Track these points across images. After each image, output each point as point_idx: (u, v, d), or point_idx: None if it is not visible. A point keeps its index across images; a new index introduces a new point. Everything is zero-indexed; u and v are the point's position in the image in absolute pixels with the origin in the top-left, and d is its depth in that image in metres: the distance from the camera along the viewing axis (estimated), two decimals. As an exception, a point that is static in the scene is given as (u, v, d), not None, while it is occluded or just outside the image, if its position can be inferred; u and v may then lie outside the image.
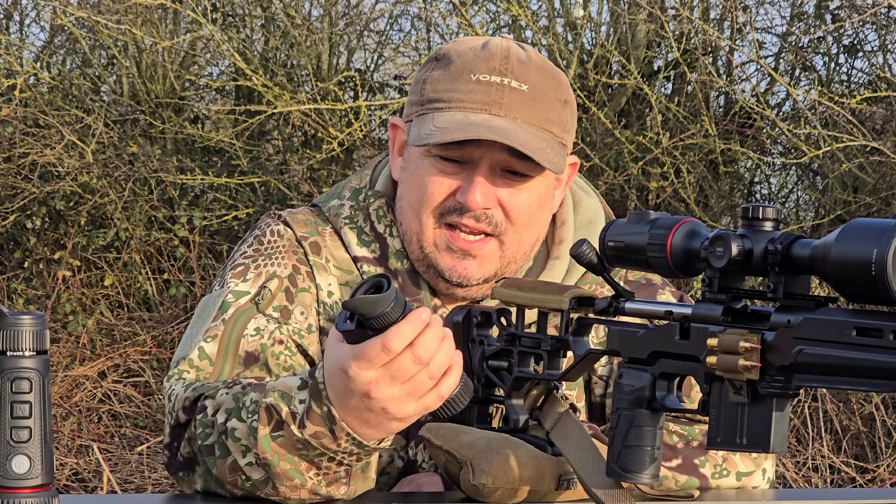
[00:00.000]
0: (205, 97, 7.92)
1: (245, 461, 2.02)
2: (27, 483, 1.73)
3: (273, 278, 2.30)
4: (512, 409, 2.11)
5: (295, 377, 2.00)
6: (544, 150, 2.25)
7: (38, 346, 1.74)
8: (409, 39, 7.67)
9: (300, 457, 1.99)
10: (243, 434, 2.02)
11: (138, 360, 6.87)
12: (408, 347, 1.87)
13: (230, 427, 2.03)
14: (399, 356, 1.87)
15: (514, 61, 2.28)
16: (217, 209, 7.16)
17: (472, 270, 2.30)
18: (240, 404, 2.04)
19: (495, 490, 2.05)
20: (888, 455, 5.88)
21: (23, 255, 7.32)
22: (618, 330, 1.95)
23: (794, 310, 1.76)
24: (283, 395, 1.98)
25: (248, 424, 2.01)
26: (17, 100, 7.11)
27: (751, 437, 1.80)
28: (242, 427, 2.02)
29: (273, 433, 1.99)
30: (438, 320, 1.90)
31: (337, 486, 2.02)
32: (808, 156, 6.30)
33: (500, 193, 2.28)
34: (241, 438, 2.02)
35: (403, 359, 1.88)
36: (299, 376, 1.99)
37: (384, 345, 1.86)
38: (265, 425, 1.99)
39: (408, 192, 2.32)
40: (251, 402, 2.03)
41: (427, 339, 1.88)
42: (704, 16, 6.88)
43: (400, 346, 1.87)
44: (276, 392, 1.99)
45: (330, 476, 2.01)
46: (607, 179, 6.54)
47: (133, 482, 6.11)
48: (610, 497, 1.99)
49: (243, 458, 2.02)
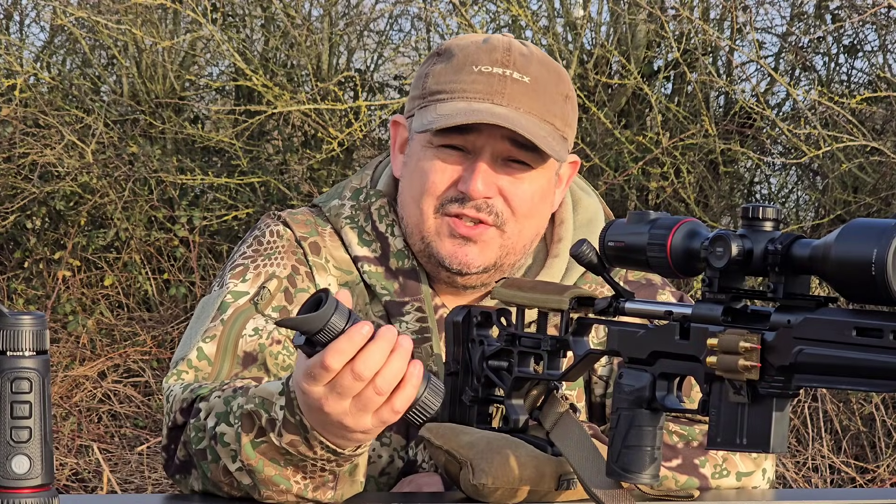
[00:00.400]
0: (205, 97, 7.92)
1: (235, 466, 2.02)
2: (27, 483, 1.73)
3: (272, 279, 2.30)
4: (512, 409, 2.11)
5: (277, 382, 1.99)
6: (546, 138, 2.25)
7: (38, 346, 1.74)
8: (409, 39, 7.67)
9: (284, 462, 1.98)
10: (231, 439, 2.02)
11: (138, 360, 6.87)
12: (347, 364, 1.85)
13: (219, 432, 2.03)
14: (340, 373, 1.85)
15: (516, 54, 2.29)
16: (217, 209, 7.16)
17: (472, 257, 2.29)
18: (228, 409, 2.04)
19: (495, 490, 2.05)
20: (888, 455, 5.88)
21: (23, 255, 7.32)
22: (618, 330, 1.95)
23: (794, 310, 1.76)
24: (264, 402, 1.98)
25: (235, 430, 2.01)
26: (17, 100, 7.11)
27: (751, 437, 1.80)
28: (231, 432, 2.02)
29: (256, 439, 1.98)
30: (388, 333, 1.86)
31: (324, 490, 2.01)
32: (808, 156, 6.30)
33: (502, 182, 2.28)
34: (229, 443, 2.02)
35: (344, 376, 1.85)
36: (281, 381, 1.99)
37: (322, 362, 1.84)
38: (248, 432, 1.99)
39: (409, 184, 2.32)
40: (237, 406, 2.02)
41: (368, 355, 1.84)
42: (704, 16, 6.88)
43: (338, 364, 1.84)
44: (257, 398, 1.98)
45: (316, 480, 2.00)
46: (607, 179, 6.54)
47: (133, 482, 6.11)
48: (610, 497, 1.99)
49: (232, 464, 2.02)
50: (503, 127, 2.24)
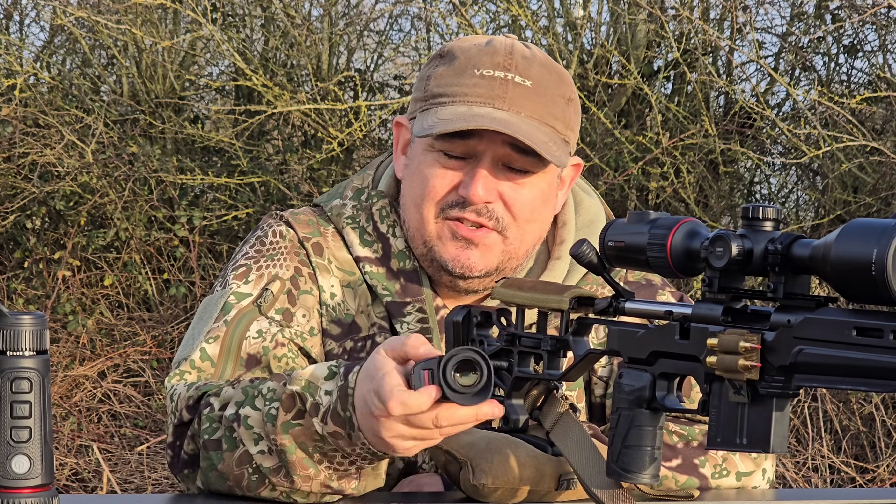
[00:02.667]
0: (205, 97, 7.92)
1: (257, 449, 2.03)
2: (27, 483, 1.73)
3: (275, 280, 2.30)
4: (512, 409, 2.11)
5: (322, 366, 2.00)
6: (546, 143, 2.25)
7: (38, 346, 1.74)
8: (409, 39, 7.67)
9: (315, 448, 2.00)
10: (257, 422, 2.02)
11: (138, 360, 6.87)
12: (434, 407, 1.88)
13: (243, 415, 2.04)
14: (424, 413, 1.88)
15: (518, 57, 2.28)
16: (217, 209, 7.16)
17: (474, 260, 2.29)
18: (255, 392, 2.05)
19: (495, 490, 2.05)
20: (888, 455, 5.88)
21: (23, 255, 7.32)
22: (618, 330, 1.95)
23: (794, 310, 1.76)
24: (310, 385, 1.99)
25: (265, 412, 2.02)
26: (17, 100, 7.11)
27: (751, 437, 1.80)
28: (257, 415, 2.03)
29: (293, 420, 1.99)
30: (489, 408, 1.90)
31: (348, 480, 2.03)
32: (808, 156, 6.30)
33: (502, 188, 2.28)
34: (254, 426, 2.03)
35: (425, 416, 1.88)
36: (328, 365, 2.00)
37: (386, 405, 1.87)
38: (287, 412, 1.99)
39: (410, 187, 2.32)
40: (268, 389, 2.03)
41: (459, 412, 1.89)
42: (704, 16, 6.88)
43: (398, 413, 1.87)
44: (303, 381, 2.00)
45: (340, 472, 2.01)
46: (607, 179, 6.54)
47: (133, 482, 6.11)
48: (610, 497, 1.99)
49: (255, 447, 2.03)
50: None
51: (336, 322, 2.32)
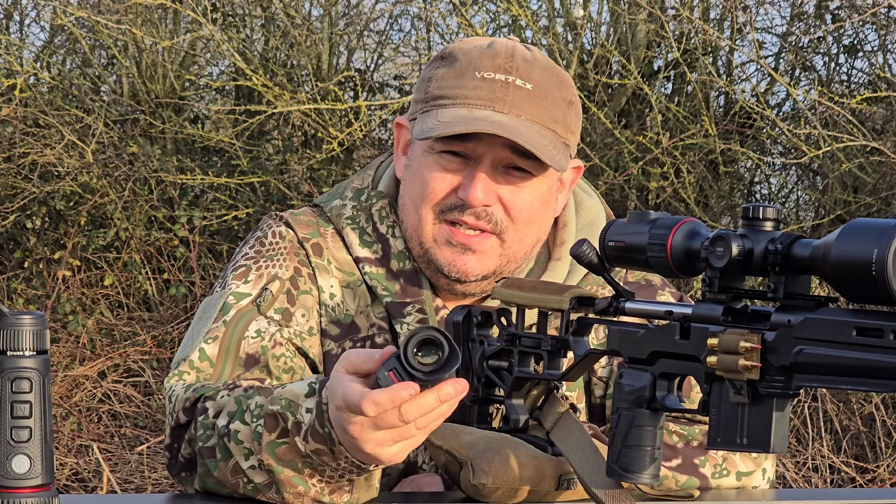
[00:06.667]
0: (205, 97, 7.92)
1: (248, 464, 2.02)
2: (27, 483, 1.73)
3: (274, 280, 2.30)
4: (512, 409, 2.11)
5: (303, 383, 1.99)
6: (546, 147, 2.25)
7: (38, 346, 1.74)
8: (409, 39, 7.67)
9: (303, 465, 1.99)
10: (246, 437, 2.02)
11: (138, 360, 6.87)
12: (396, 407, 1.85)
13: (233, 429, 2.03)
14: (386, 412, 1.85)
15: (520, 60, 2.28)
16: (217, 209, 7.16)
17: (471, 266, 2.29)
18: (244, 407, 2.04)
19: (495, 490, 2.05)
20: (888, 455, 5.88)
21: (23, 255, 7.32)
22: (618, 330, 1.95)
23: (795, 310, 1.76)
24: (290, 404, 1.97)
25: (253, 429, 2.01)
26: (17, 100, 7.11)
27: (751, 437, 1.80)
28: (246, 430, 2.02)
29: (277, 440, 1.98)
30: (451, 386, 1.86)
31: (340, 493, 2.02)
32: (808, 156, 6.30)
33: (502, 191, 2.28)
34: (243, 441, 2.02)
35: (388, 414, 1.86)
36: (307, 382, 1.98)
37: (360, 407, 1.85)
38: (270, 432, 1.99)
39: (410, 188, 2.32)
40: (256, 405, 2.02)
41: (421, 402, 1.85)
42: (704, 16, 6.88)
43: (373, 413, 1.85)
44: (284, 400, 1.98)
45: (333, 485, 2.00)
46: (607, 179, 6.54)
47: (133, 482, 6.11)
48: (610, 497, 1.99)
49: (245, 462, 2.02)
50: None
51: (335, 322, 2.32)
